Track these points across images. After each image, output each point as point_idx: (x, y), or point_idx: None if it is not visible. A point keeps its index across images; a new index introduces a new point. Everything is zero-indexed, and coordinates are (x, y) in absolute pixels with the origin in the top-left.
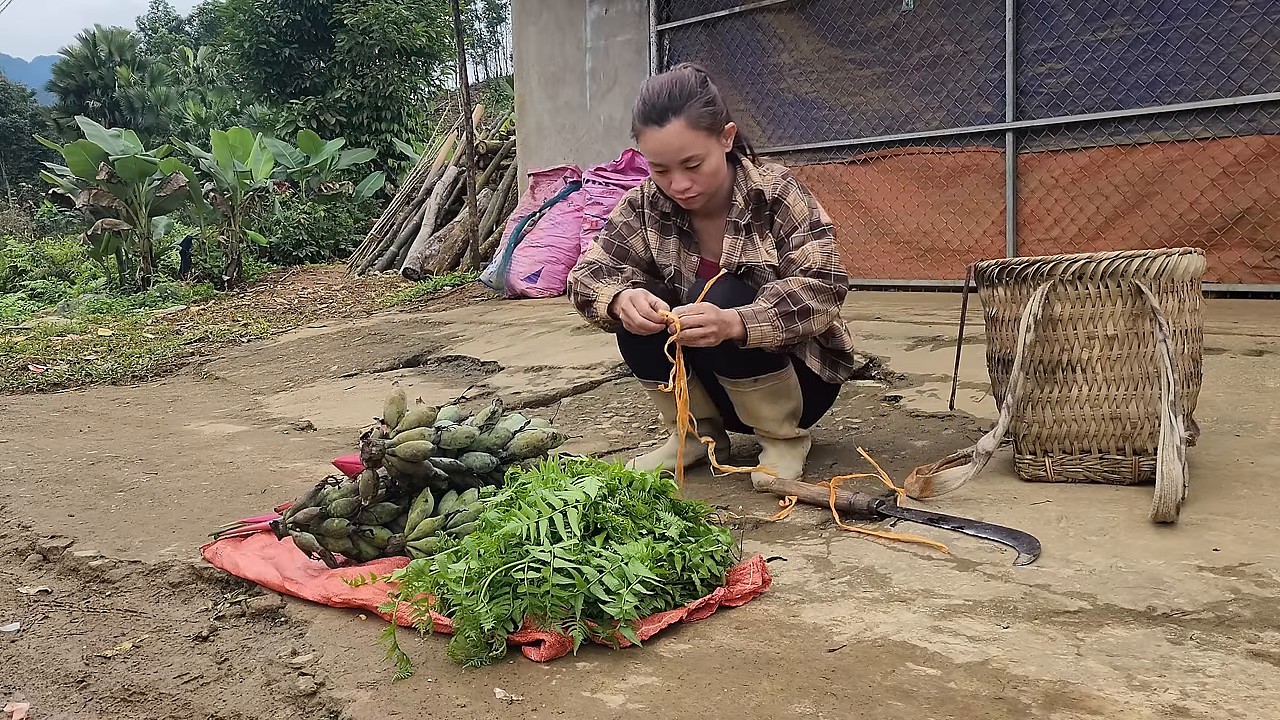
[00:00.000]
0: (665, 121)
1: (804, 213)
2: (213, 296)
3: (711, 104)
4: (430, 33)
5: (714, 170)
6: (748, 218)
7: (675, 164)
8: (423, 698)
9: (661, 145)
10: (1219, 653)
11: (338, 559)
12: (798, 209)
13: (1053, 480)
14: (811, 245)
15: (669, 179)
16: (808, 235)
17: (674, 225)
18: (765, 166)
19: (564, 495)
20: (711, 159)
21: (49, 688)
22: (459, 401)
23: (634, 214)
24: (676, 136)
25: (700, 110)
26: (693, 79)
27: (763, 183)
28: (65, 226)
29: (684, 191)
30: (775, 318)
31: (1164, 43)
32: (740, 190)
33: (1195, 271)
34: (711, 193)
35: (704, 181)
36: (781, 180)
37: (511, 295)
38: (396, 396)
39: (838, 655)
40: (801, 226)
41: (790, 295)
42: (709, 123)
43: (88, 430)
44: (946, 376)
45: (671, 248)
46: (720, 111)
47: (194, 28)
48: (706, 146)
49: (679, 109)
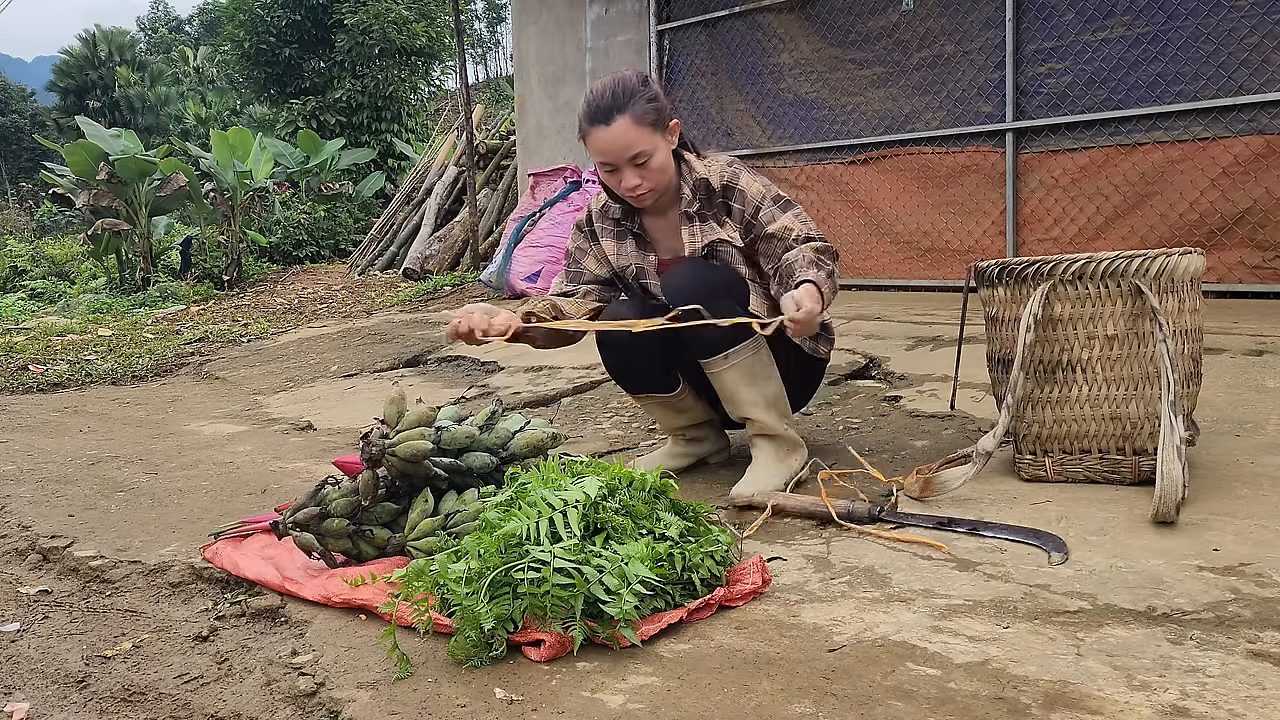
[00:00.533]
0: (611, 120)
1: (760, 191)
2: (213, 296)
3: (655, 100)
4: (430, 33)
5: (661, 166)
6: (697, 205)
7: (624, 162)
8: (423, 698)
9: (608, 144)
10: (1219, 653)
11: (338, 559)
12: (753, 189)
13: (1053, 480)
14: (787, 217)
15: (619, 178)
16: (775, 210)
17: (627, 229)
18: (709, 158)
19: (564, 495)
20: (659, 155)
21: (49, 688)
22: (459, 401)
23: (583, 236)
24: (623, 134)
25: (645, 106)
26: (634, 78)
27: (708, 172)
28: (65, 226)
29: (634, 189)
30: (825, 279)
31: (1164, 43)
32: (686, 182)
33: (1195, 271)
34: (661, 189)
35: (653, 178)
36: (727, 168)
37: (511, 295)
38: (396, 396)
39: (838, 655)
40: (764, 204)
41: (814, 262)
42: (654, 118)
43: (88, 430)
44: (946, 376)
45: (630, 249)
46: (664, 108)
47: (194, 28)
48: (653, 142)
49: (623, 106)
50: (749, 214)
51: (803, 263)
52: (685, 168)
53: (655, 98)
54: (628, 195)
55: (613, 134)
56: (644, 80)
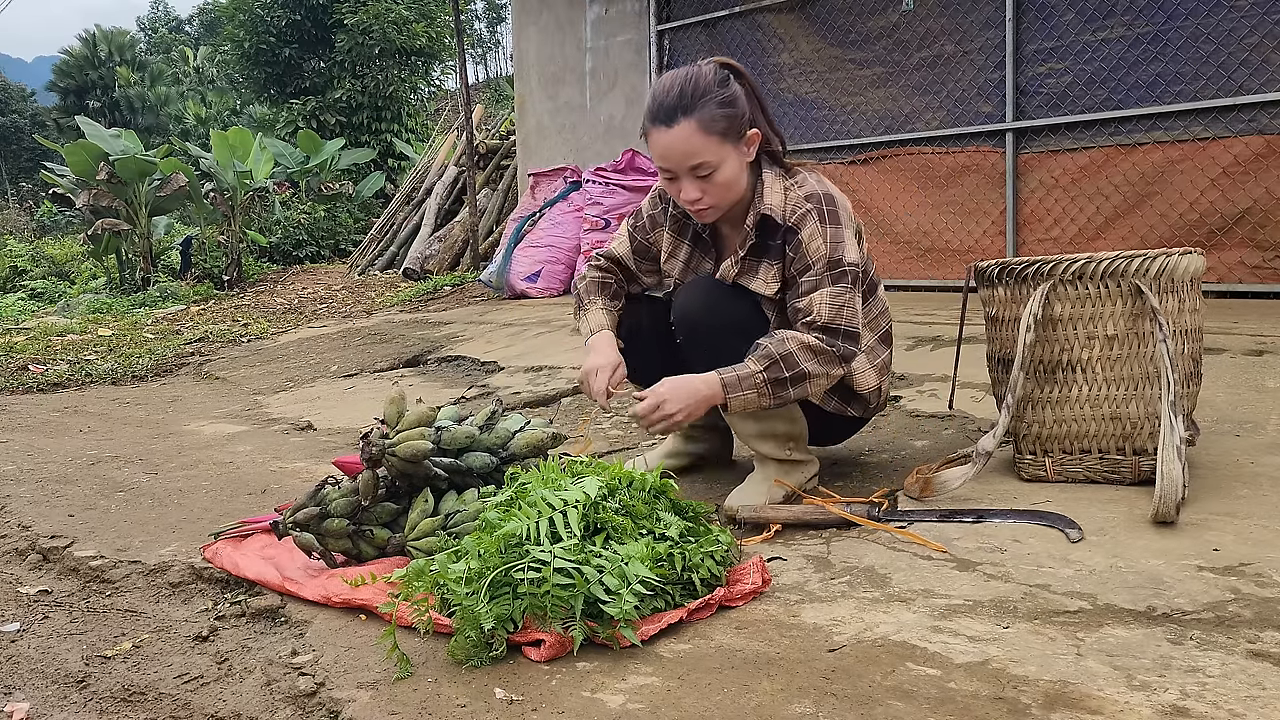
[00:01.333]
0: (674, 122)
1: (820, 250)
2: (213, 296)
3: (730, 105)
4: (430, 33)
5: (729, 181)
6: (751, 243)
7: (684, 171)
8: (423, 698)
9: (668, 149)
10: (1219, 653)
11: (338, 559)
12: (814, 245)
13: (1053, 480)
14: (823, 294)
15: (677, 187)
16: (822, 279)
17: (691, 228)
18: (796, 180)
19: (564, 495)
20: (726, 168)
21: (49, 688)
22: (459, 401)
23: (661, 206)
24: (685, 140)
25: (715, 111)
26: (710, 75)
27: (774, 204)
28: (65, 226)
29: (694, 203)
30: (764, 384)
31: (1164, 43)
32: (753, 211)
33: (1195, 271)
34: (726, 206)
35: (716, 194)
36: (804, 204)
37: (511, 295)
38: (396, 396)
39: (838, 655)
40: (816, 266)
41: (785, 358)
42: (724, 126)
43: (88, 430)
44: (946, 376)
45: (683, 254)
46: (740, 115)
47: (194, 28)
48: (720, 154)
49: (690, 109)
50: (797, 269)
51: (761, 353)
52: (760, 188)
53: (731, 101)
54: (686, 208)
55: (673, 139)
56: (723, 80)
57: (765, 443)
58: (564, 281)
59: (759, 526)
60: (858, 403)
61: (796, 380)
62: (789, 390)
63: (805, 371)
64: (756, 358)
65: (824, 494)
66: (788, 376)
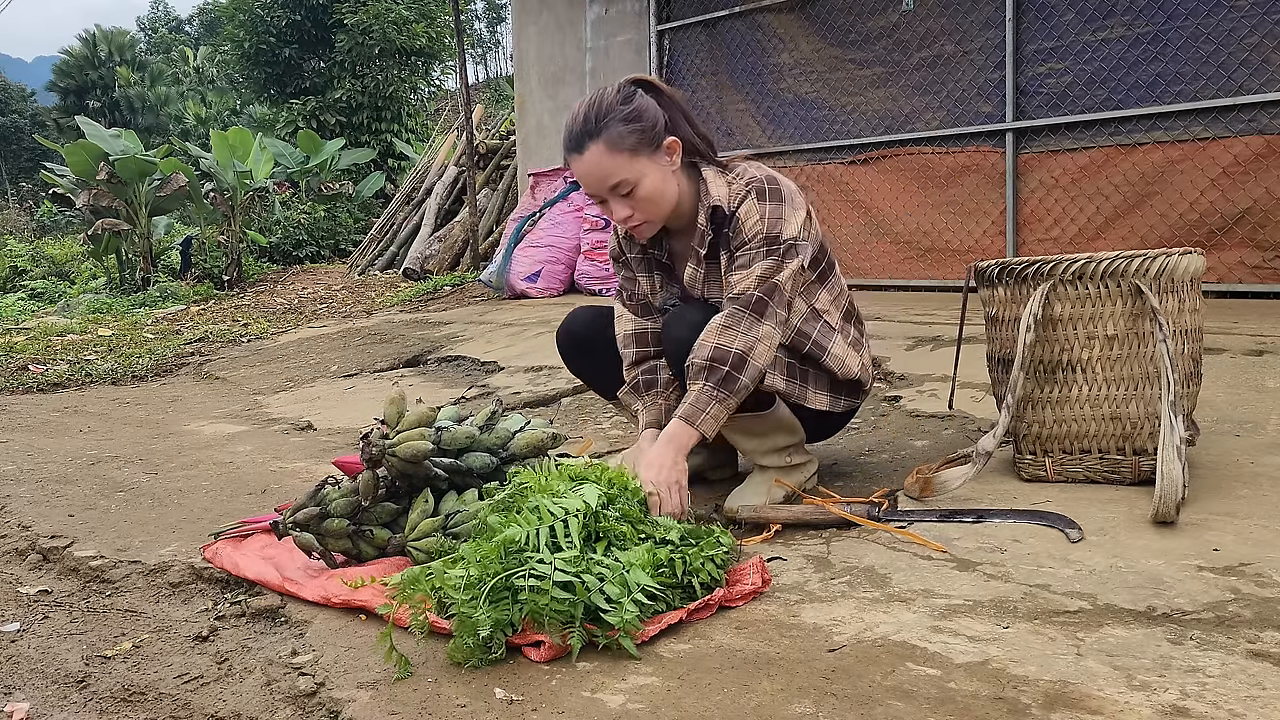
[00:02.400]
0: (584, 148)
1: (756, 226)
2: (213, 296)
3: (635, 120)
4: (430, 33)
5: (653, 195)
6: (708, 241)
7: (606, 192)
8: (423, 698)
9: (584, 174)
10: (1219, 653)
11: (338, 559)
12: (750, 221)
13: (1053, 480)
14: (754, 267)
15: (608, 209)
16: (756, 253)
17: (654, 259)
18: (736, 172)
19: (565, 503)
20: (647, 182)
21: (49, 688)
22: (459, 401)
23: (622, 265)
24: (596, 164)
25: (620, 129)
26: (613, 94)
27: (721, 196)
28: (65, 226)
29: (625, 221)
30: (715, 391)
31: (1164, 43)
32: (703, 208)
33: (1195, 271)
34: (662, 219)
35: (645, 209)
36: (744, 188)
37: (511, 295)
38: (396, 397)
39: (838, 655)
40: (752, 241)
41: (714, 359)
42: (634, 141)
43: (88, 430)
44: (946, 376)
45: (660, 286)
46: (650, 126)
47: (194, 28)
48: (635, 169)
49: (595, 132)
50: (734, 246)
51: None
52: (703, 187)
53: (635, 116)
54: (622, 228)
55: (586, 164)
56: (626, 97)
57: (768, 456)
58: (564, 281)
59: (759, 526)
60: (851, 388)
61: (738, 365)
62: (740, 377)
63: (736, 352)
64: (691, 374)
65: (824, 494)
66: (727, 370)
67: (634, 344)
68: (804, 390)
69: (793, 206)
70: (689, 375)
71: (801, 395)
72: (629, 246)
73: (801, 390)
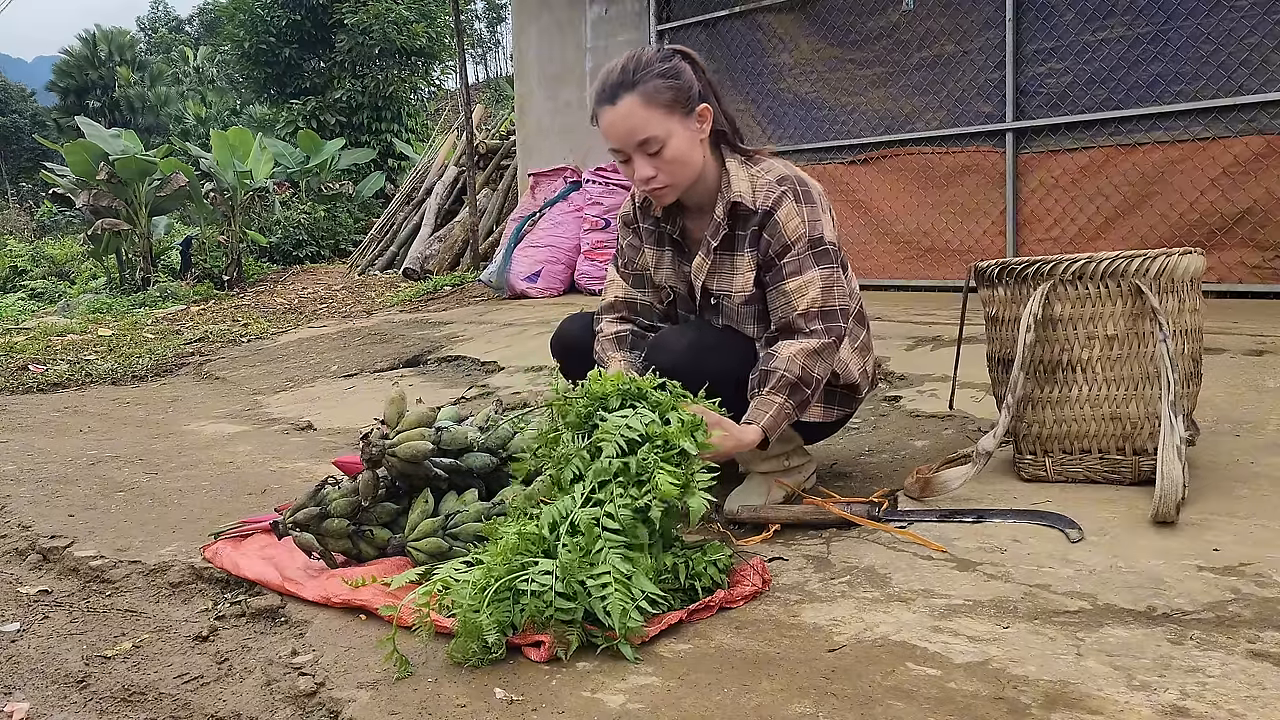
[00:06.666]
0: (618, 99)
1: (799, 229)
2: (213, 296)
3: (674, 77)
4: (430, 33)
5: (679, 156)
6: (722, 235)
7: (633, 147)
8: (423, 698)
9: (612, 126)
10: (1219, 653)
11: (338, 559)
12: (791, 225)
13: (1053, 480)
14: (811, 276)
15: (630, 169)
16: (804, 259)
17: (666, 235)
18: (762, 166)
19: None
20: (675, 142)
21: (49, 688)
22: (459, 401)
23: (631, 231)
24: (628, 115)
25: (657, 83)
26: (652, 52)
27: (744, 191)
28: (65, 226)
29: (648, 182)
30: (791, 410)
31: (1164, 43)
32: (722, 200)
33: (1195, 271)
34: (683, 187)
35: (670, 171)
36: (777, 187)
37: (511, 295)
38: (396, 397)
39: (838, 655)
40: (796, 246)
41: (801, 379)
42: (669, 98)
43: (88, 430)
44: (946, 376)
45: (667, 263)
46: (686, 87)
47: (194, 28)
48: (667, 126)
49: (632, 84)
50: (775, 251)
51: (779, 383)
52: (725, 178)
53: (674, 73)
54: (642, 190)
55: (617, 114)
56: (666, 56)
57: (765, 463)
58: (564, 281)
59: (759, 527)
60: (846, 397)
61: (815, 389)
62: (810, 401)
63: (818, 379)
64: (776, 389)
65: (824, 494)
66: (809, 394)
67: (624, 309)
68: None
69: (822, 208)
70: (773, 385)
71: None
72: (644, 216)
73: None
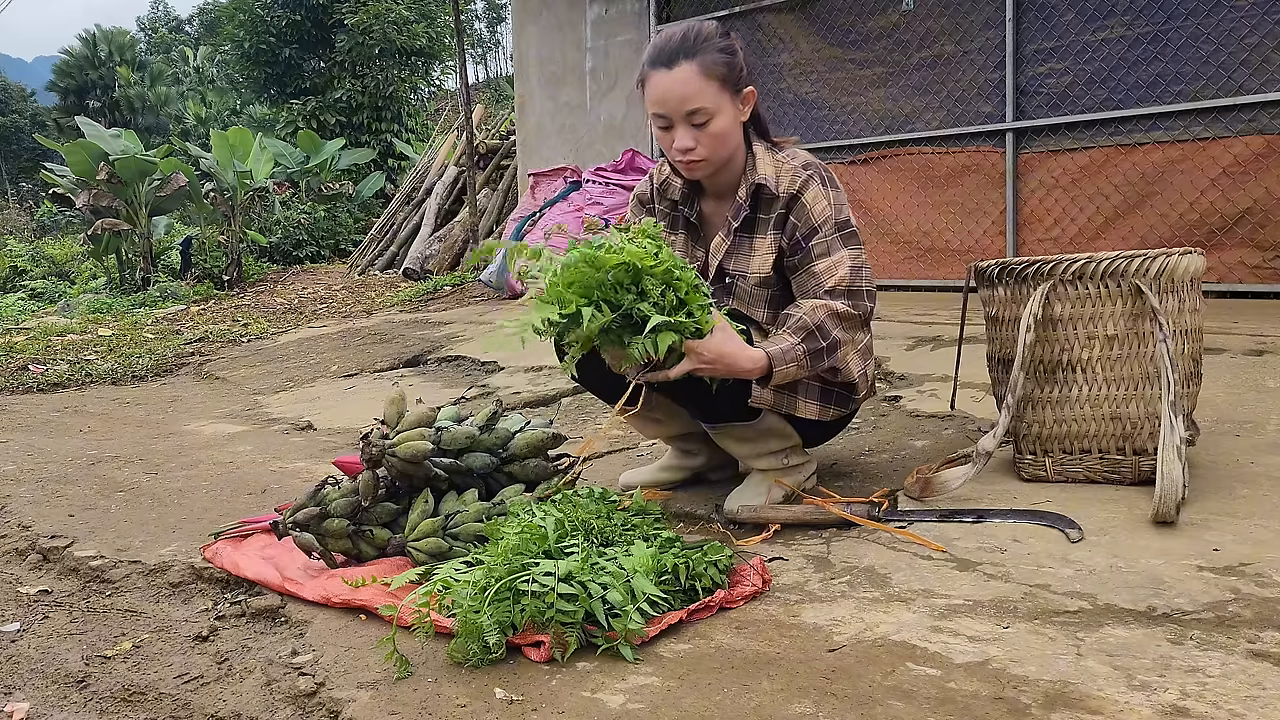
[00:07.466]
0: (675, 64)
1: (826, 211)
2: (213, 296)
3: (731, 53)
4: (430, 33)
5: (722, 132)
6: (743, 216)
7: (680, 116)
8: (423, 698)
9: (666, 91)
10: (1219, 653)
11: (338, 559)
12: (819, 207)
13: (1053, 480)
14: (840, 256)
15: (670, 136)
16: (833, 241)
17: (682, 217)
18: (786, 153)
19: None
20: (721, 118)
21: (49, 688)
22: (459, 401)
23: (645, 211)
24: (684, 83)
25: (716, 56)
26: (713, 26)
27: (775, 174)
28: (65, 226)
29: (686, 153)
30: (803, 355)
31: (1164, 43)
32: (746, 182)
33: (1195, 271)
34: (718, 164)
35: (710, 144)
36: (803, 171)
37: (511, 295)
38: (396, 397)
39: (838, 655)
40: (824, 228)
41: (819, 328)
42: (724, 73)
43: (88, 430)
44: (946, 376)
45: (679, 246)
46: (739, 66)
47: (194, 28)
48: (718, 101)
49: (692, 52)
50: (801, 233)
51: (796, 325)
52: (750, 161)
53: (731, 50)
54: (678, 160)
55: (672, 80)
56: (724, 33)
57: (763, 460)
58: None
59: (759, 527)
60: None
61: (831, 350)
62: (824, 360)
63: (837, 340)
64: (792, 329)
65: (824, 494)
66: (823, 346)
67: None
68: (792, 399)
69: (843, 196)
70: (790, 325)
71: (790, 405)
72: (660, 197)
73: (790, 400)
